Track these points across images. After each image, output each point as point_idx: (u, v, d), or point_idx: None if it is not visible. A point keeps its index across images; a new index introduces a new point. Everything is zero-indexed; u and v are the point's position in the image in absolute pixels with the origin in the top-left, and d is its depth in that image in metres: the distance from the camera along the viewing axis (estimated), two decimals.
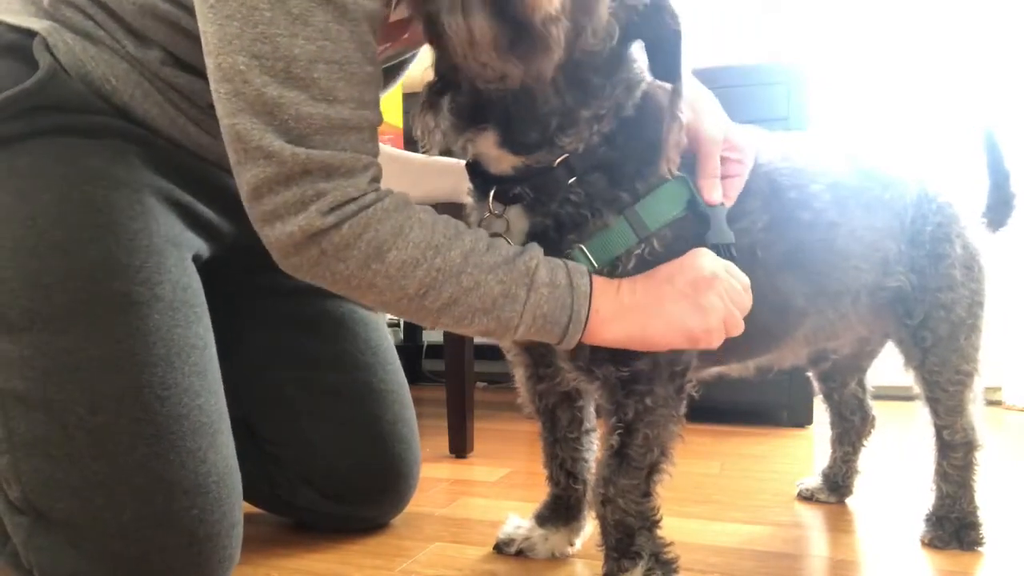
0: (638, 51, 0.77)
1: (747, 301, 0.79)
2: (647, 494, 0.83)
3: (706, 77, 0.89)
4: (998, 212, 1.11)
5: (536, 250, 0.75)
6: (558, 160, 0.75)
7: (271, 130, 0.65)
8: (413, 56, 1.00)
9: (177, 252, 0.83)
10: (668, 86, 0.76)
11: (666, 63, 0.75)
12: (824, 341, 1.04)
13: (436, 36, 0.66)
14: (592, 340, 0.76)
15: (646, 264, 0.77)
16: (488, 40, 0.62)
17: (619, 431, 0.81)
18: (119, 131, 0.82)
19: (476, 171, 0.81)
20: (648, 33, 0.75)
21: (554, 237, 0.78)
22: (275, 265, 0.73)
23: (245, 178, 0.68)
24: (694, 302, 0.75)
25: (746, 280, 0.79)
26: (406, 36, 0.88)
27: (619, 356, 0.79)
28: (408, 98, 2.12)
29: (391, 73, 0.99)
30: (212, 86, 0.68)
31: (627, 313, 0.75)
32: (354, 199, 0.68)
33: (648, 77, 0.78)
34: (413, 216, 0.71)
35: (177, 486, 0.75)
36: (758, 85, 1.92)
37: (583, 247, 0.76)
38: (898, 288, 0.98)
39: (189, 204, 0.88)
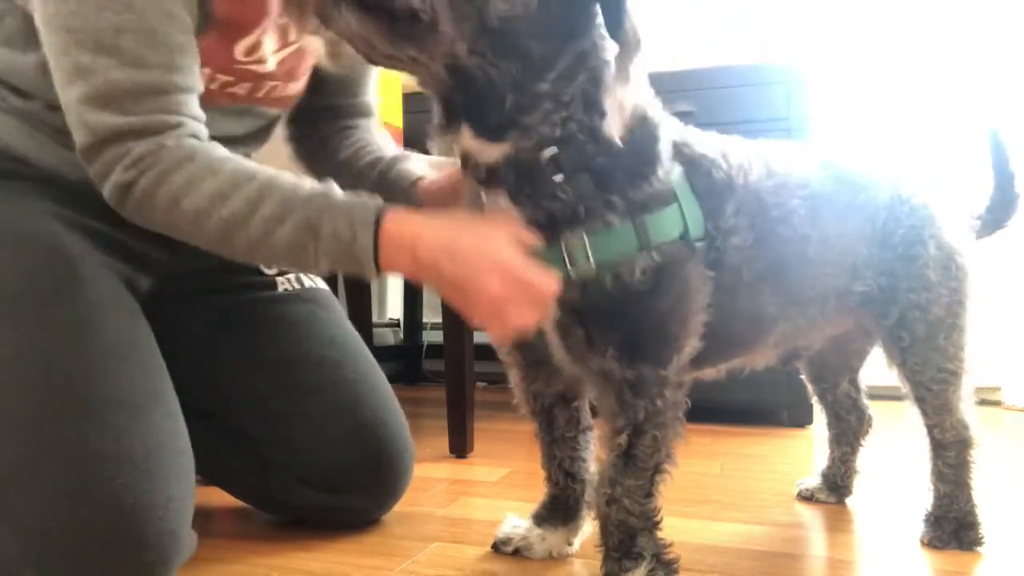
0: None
1: (530, 319, 0.76)
2: (650, 494, 0.83)
3: (707, 77, 0.90)
4: (999, 212, 1.11)
5: (322, 197, 0.77)
6: (546, 155, 0.75)
7: (87, 99, 0.75)
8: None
9: (94, 260, 0.87)
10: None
11: (610, 16, 0.72)
12: (792, 342, 1.05)
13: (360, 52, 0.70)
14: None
15: (650, 273, 0.77)
16: (374, 33, 0.66)
17: (627, 432, 0.81)
18: (26, 175, 0.89)
19: (467, 161, 0.81)
20: None
21: (550, 230, 0.77)
22: (220, 286, 0.79)
23: (76, 144, 0.77)
24: (474, 302, 0.76)
25: (547, 291, 0.76)
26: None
27: (626, 357, 0.79)
28: (408, 98, 2.12)
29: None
30: (51, 65, 0.77)
31: (426, 273, 0.77)
32: (154, 153, 0.75)
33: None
34: (208, 166, 0.76)
35: (95, 456, 0.75)
36: (758, 85, 1.92)
37: (585, 236, 0.76)
38: (865, 292, 0.99)
39: (107, 231, 0.90)
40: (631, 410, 0.80)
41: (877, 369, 1.11)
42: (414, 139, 2.16)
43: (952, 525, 1.02)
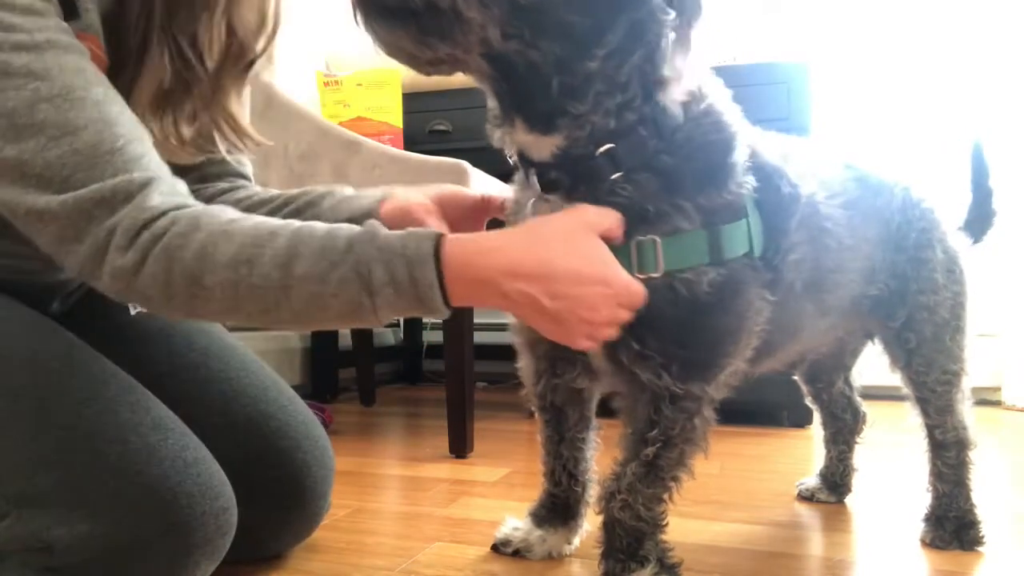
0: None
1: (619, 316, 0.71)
2: (661, 500, 0.83)
3: None
4: (976, 227, 1.13)
5: (364, 243, 0.65)
6: (600, 149, 0.71)
7: (31, 190, 0.63)
8: None
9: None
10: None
11: None
12: (805, 347, 1.05)
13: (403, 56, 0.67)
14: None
15: (716, 287, 0.74)
16: (403, 37, 0.63)
17: (658, 444, 0.79)
18: None
19: (523, 157, 0.78)
20: None
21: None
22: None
23: (44, 248, 0.66)
24: (562, 326, 0.68)
25: (637, 298, 0.70)
26: None
27: (681, 372, 0.76)
28: (408, 99, 2.13)
29: None
30: None
31: (517, 309, 0.69)
32: (146, 226, 0.63)
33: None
34: (215, 230, 0.65)
35: (141, 425, 0.73)
36: (758, 85, 1.92)
37: (656, 240, 0.72)
38: (877, 295, 0.99)
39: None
40: (668, 423, 0.79)
41: (876, 369, 1.12)
42: (414, 139, 2.17)
43: (953, 525, 1.02)
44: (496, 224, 0.87)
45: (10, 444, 0.71)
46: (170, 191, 0.67)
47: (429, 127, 2.31)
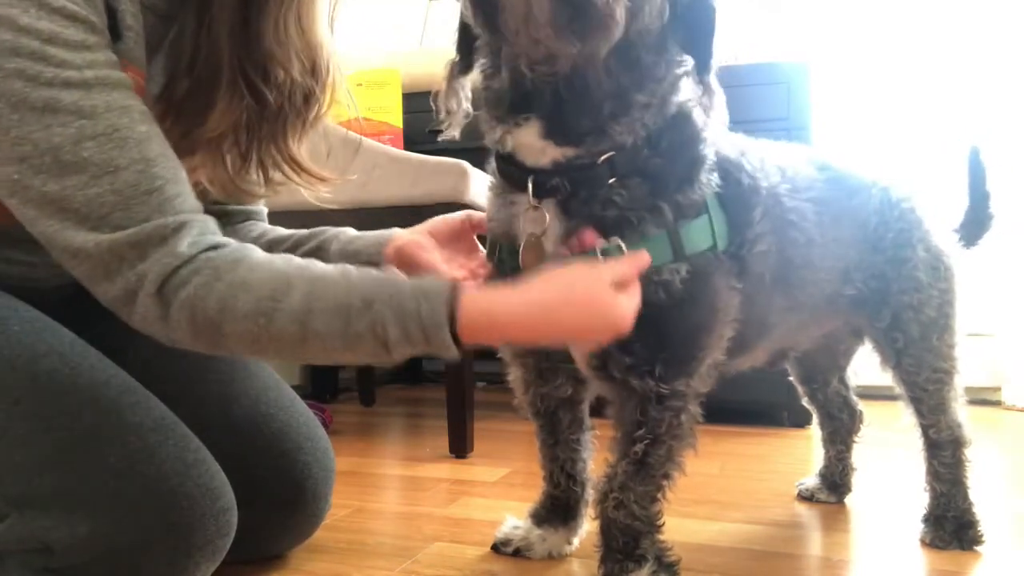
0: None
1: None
2: (656, 499, 0.84)
3: None
4: (972, 230, 1.13)
5: (380, 303, 0.67)
6: (602, 158, 0.74)
7: (70, 225, 0.65)
8: None
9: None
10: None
11: (700, 41, 0.75)
12: (781, 344, 1.06)
13: (486, 14, 0.67)
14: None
15: (686, 282, 0.76)
16: (546, 17, 0.63)
17: (646, 442, 0.80)
18: None
19: (511, 162, 0.78)
20: (687, 9, 0.74)
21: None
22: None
23: (80, 279, 0.68)
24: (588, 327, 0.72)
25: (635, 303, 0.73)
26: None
27: (664, 373, 0.78)
28: (408, 99, 2.13)
29: None
30: (8, 205, 0.67)
31: (516, 335, 0.75)
32: (174, 273, 0.65)
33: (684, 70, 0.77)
34: (235, 280, 0.66)
35: (142, 427, 0.73)
36: (758, 85, 1.92)
37: (622, 245, 0.74)
38: (855, 295, 1.00)
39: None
40: (654, 422, 0.80)
41: (871, 369, 1.12)
42: (414, 139, 2.17)
43: (952, 525, 1.02)
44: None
45: (10, 445, 0.71)
46: (200, 232, 0.68)
47: (429, 127, 2.30)
